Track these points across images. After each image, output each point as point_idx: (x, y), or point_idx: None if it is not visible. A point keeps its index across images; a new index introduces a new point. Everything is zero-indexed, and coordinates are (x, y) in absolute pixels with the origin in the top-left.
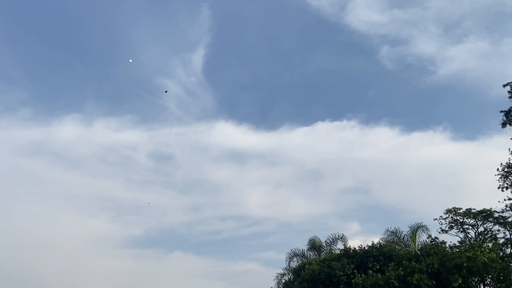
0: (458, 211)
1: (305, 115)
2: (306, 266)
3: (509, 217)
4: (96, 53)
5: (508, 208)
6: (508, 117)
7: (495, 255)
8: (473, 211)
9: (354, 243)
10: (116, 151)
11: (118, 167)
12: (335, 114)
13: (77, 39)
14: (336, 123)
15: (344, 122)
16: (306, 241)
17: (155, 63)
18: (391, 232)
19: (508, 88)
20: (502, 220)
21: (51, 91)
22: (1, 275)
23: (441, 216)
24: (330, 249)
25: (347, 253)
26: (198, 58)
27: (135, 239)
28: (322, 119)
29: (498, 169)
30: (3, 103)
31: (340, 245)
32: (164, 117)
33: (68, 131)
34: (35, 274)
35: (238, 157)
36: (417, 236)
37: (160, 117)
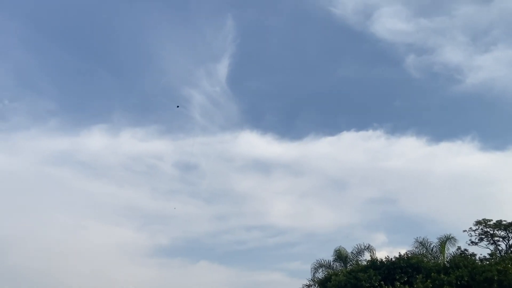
0: (488, 223)
1: (330, 124)
2: (333, 277)
3: None
4: (123, 64)
5: None
6: None
7: None
8: (504, 222)
9: (381, 254)
10: (142, 160)
11: (144, 177)
12: (360, 123)
13: (104, 50)
14: (362, 133)
15: (370, 132)
16: (331, 252)
17: (180, 73)
18: (419, 243)
19: None
20: None
21: (79, 102)
22: (30, 283)
23: (470, 227)
24: (357, 260)
25: (374, 264)
26: (222, 68)
27: (161, 248)
28: (348, 128)
29: None
30: (33, 113)
31: (366, 256)
32: (189, 127)
33: (95, 141)
34: (62, 282)
35: (262, 166)
36: (445, 248)
37: (185, 127)
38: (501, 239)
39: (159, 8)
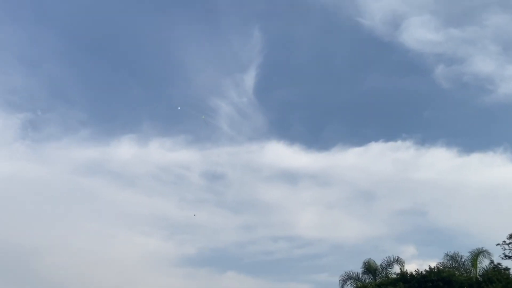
0: None
1: (358, 135)
2: None
3: None
4: (151, 75)
5: None
6: None
7: None
8: None
9: (410, 267)
10: (170, 170)
11: (172, 186)
12: (389, 134)
13: (133, 62)
14: (390, 144)
15: (399, 143)
16: (359, 264)
17: (208, 84)
18: (450, 256)
19: None
20: None
21: (109, 112)
22: None
23: (504, 241)
24: (386, 273)
25: (404, 277)
26: (249, 78)
27: (188, 258)
28: (376, 139)
29: None
30: (65, 124)
31: (396, 269)
32: (216, 137)
33: (124, 150)
34: None
35: (289, 177)
36: (478, 262)
37: (212, 137)
38: None
39: (187, 19)
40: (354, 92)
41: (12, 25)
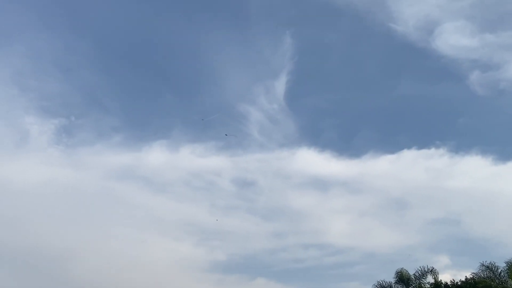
0: None
1: (390, 142)
2: None
3: None
4: (183, 82)
5: None
6: None
7: None
8: None
9: (444, 277)
10: (201, 176)
11: (203, 192)
12: (422, 141)
13: (165, 69)
14: (424, 151)
15: (432, 150)
16: (391, 273)
17: (239, 90)
18: (486, 266)
19: None
20: None
21: (141, 118)
22: None
23: None
24: (419, 283)
25: (439, 287)
26: (280, 85)
27: (219, 264)
28: (408, 146)
29: None
30: (98, 130)
31: (429, 279)
32: (247, 144)
33: (156, 156)
34: None
35: (320, 184)
36: None
37: (243, 144)
38: None
39: (218, 27)
40: (387, 99)
41: (48, 33)
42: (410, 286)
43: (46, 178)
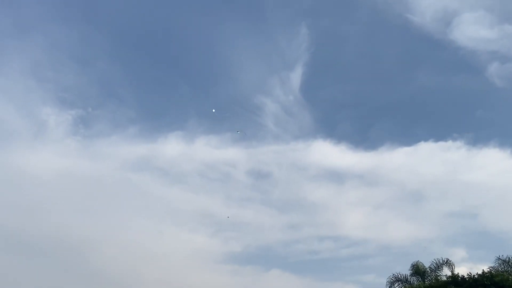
0: None
1: (407, 135)
2: None
3: None
4: (198, 73)
5: None
6: None
7: None
8: None
9: (460, 270)
10: (216, 167)
11: (218, 184)
12: (439, 134)
13: (181, 60)
14: (441, 144)
15: (449, 143)
16: (407, 266)
17: (254, 81)
18: (503, 260)
19: None
20: None
21: (156, 110)
22: (108, 285)
23: None
24: (435, 275)
25: (455, 280)
26: (296, 76)
27: (234, 255)
28: (425, 139)
29: None
30: (114, 121)
31: (445, 271)
32: (262, 135)
33: (172, 147)
34: (138, 284)
35: (336, 176)
36: None
37: (258, 135)
38: None
39: (234, 18)
40: (404, 91)
41: (64, 25)
42: (425, 279)
43: (63, 169)
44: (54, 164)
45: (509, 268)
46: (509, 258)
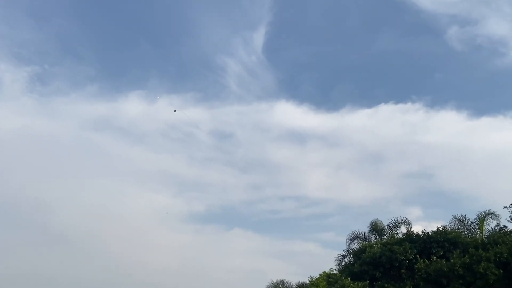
0: None
1: (367, 96)
2: (367, 249)
3: None
4: (160, 32)
5: None
6: None
7: None
8: None
9: (416, 229)
10: (179, 128)
11: (180, 144)
12: (399, 96)
13: (142, 18)
14: (400, 106)
15: (409, 105)
16: (366, 224)
17: (217, 41)
18: (457, 219)
19: None
20: None
21: (117, 68)
22: (71, 243)
23: (511, 204)
24: (392, 233)
25: (410, 237)
26: (259, 37)
27: (197, 214)
28: (386, 101)
29: None
30: (73, 79)
31: (403, 230)
32: (225, 96)
33: (133, 107)
34: (101, 243)
35: (298, 137)
36: (484, 224)
37: (221, 96)
38: None
39: None
40: (365, 53)
41: None
42: (383, 236)
43: (19, 128)
44: (10, 123)
45: (462, 226)
46: (463, 217)
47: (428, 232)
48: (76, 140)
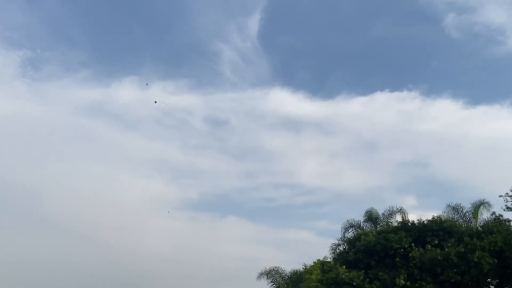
0: None
1: (363, 84)
2: (362, 237)
3: None
4: (154, 17)
5: None
6: None
7: None
8: None
9: (411, 217)
10: (172, 114)
11: (174, 131)
12: (395, 84)
13: (136, 3)
14: (396, 94)
15: (405, 93)
16: (360, 213)
17: (211, 27)
18: (452, 208)
19: None
20: None
21: (110, 53)
22: (62, 229)
23: (507, 193)
24: (387, 222)
25: (405, 225)
26: (253, 23)
27: (190, 202)
28: (381, 89)
29: None
30: (65, 64)
31: (398, 218)
32: (219, 82)
33: (126, 93)
34: (93, 230)
35: (293, 125)
36: (479, 213)
37: (215, 82)
38: None
39: None
40: (361, 40)
41: None
42: (378, 225)
43: (11, 112)
44: (1, 108)
45: (457, 215)
46: (458, 205)
47: (424, 221)
48: (69, 126)
